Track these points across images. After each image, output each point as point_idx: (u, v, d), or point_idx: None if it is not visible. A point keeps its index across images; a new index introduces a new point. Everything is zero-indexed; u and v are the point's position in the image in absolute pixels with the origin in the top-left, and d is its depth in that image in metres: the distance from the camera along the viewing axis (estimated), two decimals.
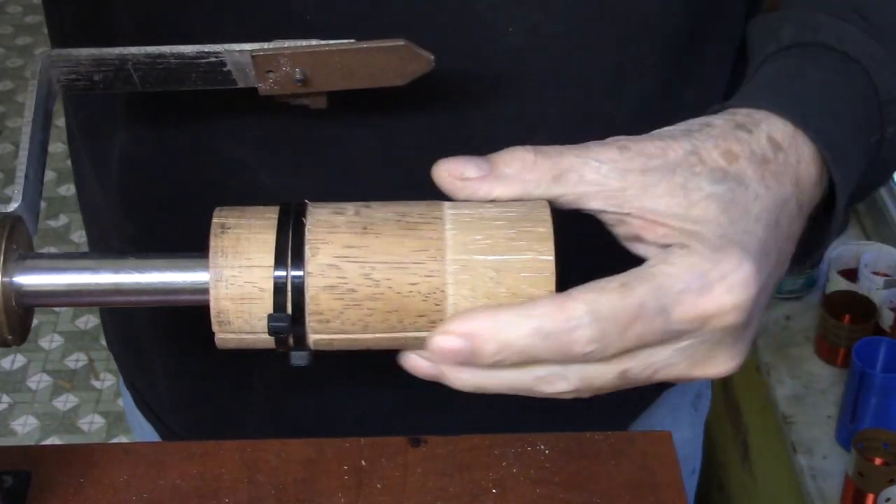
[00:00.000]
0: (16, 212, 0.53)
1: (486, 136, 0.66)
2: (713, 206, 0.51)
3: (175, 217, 0.71)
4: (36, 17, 3.57)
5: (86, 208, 0.83)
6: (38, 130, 0.56)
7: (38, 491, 0.65)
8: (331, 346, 0.52)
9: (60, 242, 2.73)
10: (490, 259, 0.51)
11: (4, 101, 3.20)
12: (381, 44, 0.55)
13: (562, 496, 0.65)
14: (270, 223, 0.52)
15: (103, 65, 0.57)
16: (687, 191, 0.51)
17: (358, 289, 0.51)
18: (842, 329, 1.58)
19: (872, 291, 1.59)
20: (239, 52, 0.56)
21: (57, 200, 2.84)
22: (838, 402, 1.54)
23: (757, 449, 1.78)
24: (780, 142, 0.54)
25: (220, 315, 0.51)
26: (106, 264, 0.52)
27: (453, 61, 0.62)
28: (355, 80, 0.56)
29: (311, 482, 0.66)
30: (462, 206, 0.52)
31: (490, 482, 0.66)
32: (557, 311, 0.49)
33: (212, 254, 0.51)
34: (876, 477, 1.37)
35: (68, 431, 2.29)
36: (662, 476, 0.66)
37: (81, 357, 2.45)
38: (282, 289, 0.50)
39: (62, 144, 2.98)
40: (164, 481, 0.66)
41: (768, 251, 0.52)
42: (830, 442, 1.52)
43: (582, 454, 0.67)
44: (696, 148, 0.52)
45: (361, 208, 0.52)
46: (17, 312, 0.52)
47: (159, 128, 0.69)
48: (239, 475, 0.67)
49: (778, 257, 0.53)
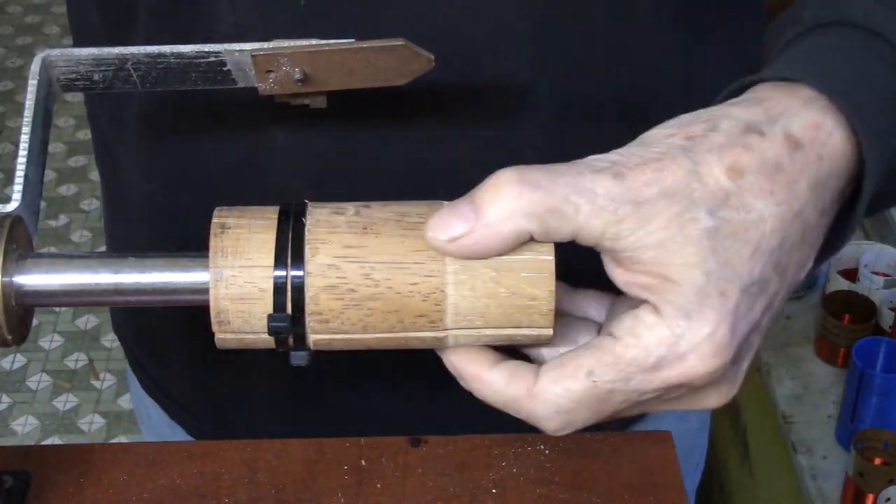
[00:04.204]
0: (16, 212, 0.53)
1: (487, 135, 0.66)
2: (707, 244, 0.48)
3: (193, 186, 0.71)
4: (36, 18, 3.57)
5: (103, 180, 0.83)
6: (38, 130, 0.56)
7: (38, 491, 0.65)
8: (330, 346, 0.52)
9: (60, 242, 2.73)
10: (490, 259, 0.51)
11: (4, 101, 3.20)
12: (381, 44, 0.55)
13: (562, 496, 0.65)
14: (270, 223, 0.52)
15: (103, 64, 0.57)
16: (682, 222, 0.48)
17: (358, 289, 0.51)
18: (842, 329, 1.58)
19: (872, 291, 1.59)
20: (239, 51, 0.56)
21: (57, 200, 2.84)
22: (838, 402, 1.54)
23: (757, 449, 1.78)
24: (800, 138, 0.50)
25: (219, 315, 0.51)
26: (106, 264, 0.52)
27: (453, 61, 0.63)
28: (355, 80, 0.56)
29: (311, 482, 0.66)
30: None
31: (490, 482, 0.66)
32: (526, 401, 0.51)
33: (212, 254, 0.51)
34: (876, 477, 1.37)
35: (68, 431, 2.29)
36: (662, 476, 0.66)
37: (81, 357, 2.45)
38: (282, 289, 0.50)
39: (62, 144, 3.00)
40: (164, 481, 0.66)
41: (766, 281, 0.49)
42: (830, 442, 1.52)
43: (582, 454, 0.67)
44: (696, 166, 0.48)
45: (361, 208, 0.52)
46: (16, 312, 0.52)
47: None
48: (239, 475, 0.66)
49: (780, 277, 0.50)
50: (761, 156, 0.49)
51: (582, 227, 0.48)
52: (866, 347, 1.49)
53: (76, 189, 2.89)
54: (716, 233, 0.48)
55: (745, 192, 0.48)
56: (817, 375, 1.62)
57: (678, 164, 0.48)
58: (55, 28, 3.53)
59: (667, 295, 0.48)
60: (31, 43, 3.45)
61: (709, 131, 0.49)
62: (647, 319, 0.49)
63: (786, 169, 0.49)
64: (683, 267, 0.48)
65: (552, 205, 0.48)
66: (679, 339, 0.48)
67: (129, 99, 0.71)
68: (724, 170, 0.48)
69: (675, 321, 0.48)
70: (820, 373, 1.62)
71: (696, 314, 0.48)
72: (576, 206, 0.48)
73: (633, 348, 0.49)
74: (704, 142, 0.49)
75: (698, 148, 0.49)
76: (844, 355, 1.59)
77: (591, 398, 0.50)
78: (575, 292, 0.57)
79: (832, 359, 1.62)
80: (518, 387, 0.51)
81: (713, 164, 0.48)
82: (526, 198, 0.48)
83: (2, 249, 0.51)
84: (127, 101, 0.72)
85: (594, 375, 0.49)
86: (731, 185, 0.48)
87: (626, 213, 0.48)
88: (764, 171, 0.48)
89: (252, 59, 0.56)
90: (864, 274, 1.62)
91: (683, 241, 0.48)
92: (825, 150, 0.50)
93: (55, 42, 3.44)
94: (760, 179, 0.48)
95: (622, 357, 0.49)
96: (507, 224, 0.49)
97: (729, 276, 0.48)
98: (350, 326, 0.51)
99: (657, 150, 0.49)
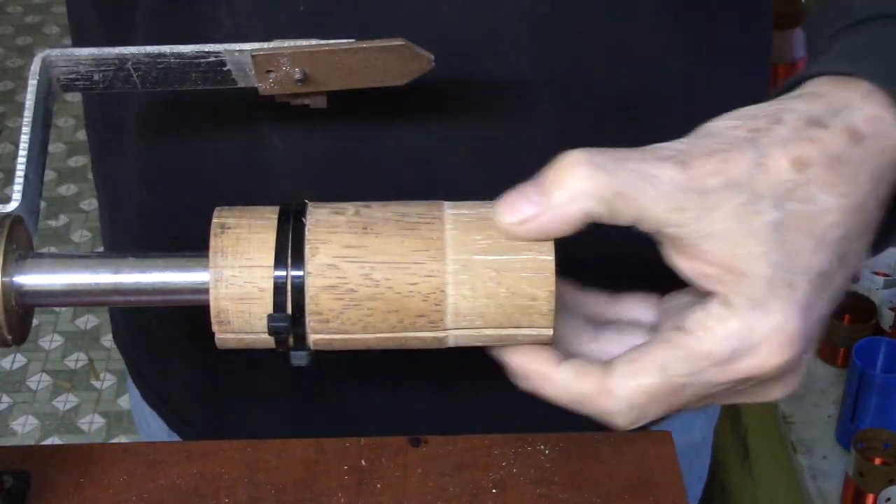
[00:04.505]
0: (16, 212, 0.53)
1: (487, 135, 0.66)
2: (772, 236, 0.48)
3: (192, 187, 0.71)
4: (36, 18, 3.57)
5: (101, 183, 0.83)
6: (37, 130, 0.56)
7: (38, 491, 0.65)
8: (330, 346, 0.52)
9: (60, 242, 2.73)
10: (490, 259, 0.51)
11: (4, 101, 3.20)
12: (381, 44, 0.55)
13: (562, 496, 0.65)
14: (270, 223, 0.52)
15: (103, 65, 0.57)
16: (748, 214, 0.48)
17: (358, 289, 0.51)
18: (842, 329, 1.58)
19: (872, 291, 1.59)
20: (239, 51, 0.56)
21: (57, 200, 2.84)
22: (838, 402, 1.54)
23: (757, 449, 1.78)
24: (863, 131, 0.49)
25: (219, 315, 0.51)
26: (106, 264, 0.52)
27: (453, 61, 0.63)
28: (355, 80, 0.56)
29: (311, 482, 0.66)
30: (462, 205, 0.52)
31: (490, 482, 0.66)
32: (597, 397, 0.50)
33: (212, 254, 0.51)
34: (876, 477, 1.37)
35: (68, 431, 2.29)
36: (662, 476, 0.66)
37: (81, 357, 2.45)
38: (282, 289, 0.50)
39: (62, 144, 3.00)
40: (164, 481, 0.66)
41: (830, 273, 0.49)
42: (830, 442, 1.52)
43: (582, 454, 0.67)
44: (762, 158, 0.48)
45: (361, 208, 0.52)
46: (16, 312, 0.52)
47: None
48: (239, 475, 0.66)
49: (842, 268, 0.50)
50: (825, 148, 0.49)
51: (646, 212, 0.48)
52: (866, 347, 1.49)
53: (76, 189, 2.89)
54: (780, 225, 0.48)
55: (809, 184, 0.48)
56: (817, 375, 1.62)
57: (743, 156, 0.48)
58: (55, 28, 3.53)
59: (736, 286, 0.48)
60: (31, 43, 3.45)
61: (773, 124, 0.49)
62: (717, 312, 0.49)
63: (848, 161, 0.49)
64: (750, 258, 0.48)
65: (618, 189, 0.48)
66: (751, 332, 0.48)
67: (127, 100, 0.71)
68: (790, 162, 0.48)
69: (746, 312, 0.48)
70: (820, 373, 1.62)
71: (767, 305, 0.48)
72: (641, 190, 0.48)
73: (705, 341, 0.49)
74: (769, 134, 0.49)
75: (763, 140, 0.49)
76: (844, 355, 1.59)
77: (664, 392, 0.50)
78: (619, 297, 0.57)
79: (832, 359, 1.62)
80: (587, 384, 0.51)
81: (779, 156, 0.48)
82: (593, 180, 0.48)
83: (2, 249, 0.51)
84: (126, 103, 0.72)
85: (668, 369, 0.49)
86: (797, 176, 0.48)
87: (690, 202, 0.48)
88: (827, 164, 0.49)
89: (252, 59, 0.56)
90: (864, 274, 1.62)
91: (748, 233, 0.48)
92: (887, 142, 0.50)
93: (55, 42, 3.44)
94: (824, 172, 0.48)
95: (695, 350, 0.49)
96: (574, 206, 0.49)
97: (795, 268, 0.48)
98: (350, 326, 0.51)
99: (722, 141, 0.49)
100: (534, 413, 0.65)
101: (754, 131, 0.49)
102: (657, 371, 0.50)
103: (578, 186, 0.48)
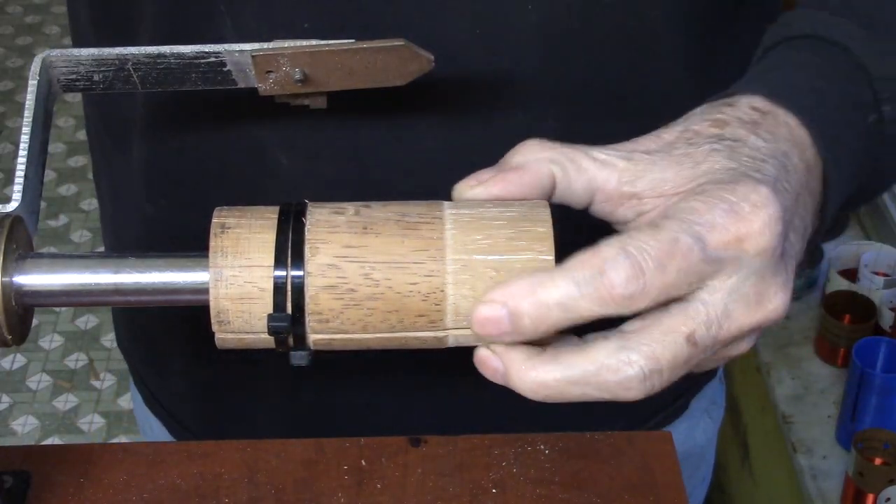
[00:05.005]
0: (16, 212, 0.53)
1: (488, 135, 0.66)
2: (719, 156, 0.52)
3: (195, 197, 0.71)
4: (36, 18, 3.58)
5: (102, 186, 0.83)
6: (38, 130, 0.56)
7: (38, 491, 0.65)
8: (330, 346, 0.52)
9: (60, 242, 2.73)
10: (490, 259, 0.51)
11: (4, 101, 3.20)
12: (381, 44, 0.55)
13: (562, 496, 0.65)
14: (270, 223, 0.52)
15: (103, 65, 0.57)
16: (690, 156, 0.52)
17: (358, 289, 0.51)
18: (842, 329, 1.58)
19: (872, 291, 1.59)
20: (239, 52, 0.56)
21: (57, 200, 2.84)
22: (838, 402, 1.54)
23: (757, 449, 1.78)
24: (763, 108, 0.55)
25: (219, 315, 0.51)
26: (106, 264, 0.52)
27: (453, 61, 0.63)
28: (355, 80, 0.56)
29: (311, 482, 0.66)
30: (462, 206, 0.52)
31: (490, 482, 0.66)
32: (590, 255, 0.49)
33: (212, 254, 0.51)
34: (876, 477, 1.37)
35: (68, 431, 2.29)
36: (662, 476, 0.66)
37: (81, 357, 2.45)
38: (282, 289, 0.50)
39: (62, 144, 3.00)
40: (164, 481, 0.66)
41: (785, 188, 0.52)
42: (830, 442, 1.52)
43: (582, 454, 0.67)
44: (687, 126, 0.54)
45: (361, 208, 0.52)
46: (16, 312, 0.52)
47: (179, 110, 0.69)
48: (239, 475, 0.67)
49: (796, 200, 0.52)
50: (737, 115, 0.54)
51: (598, 175, 0.53)
52: (866, 347, 1.49)
53: (76, 189, 2.89)
54: (723, 151, 0.52)
55: (734, 130, 0.53)
56: (817, 375, 1.62)
57: (671, 129, 0.54)
58: (55, 28, 3.53)
59: (705, 184, 0.51)
60: (31, 43, 3.45)
61: (686, 115, 0.56)
62: (695, 195, 0.51)
63: (761, 123, 0.54)
64: (708, 172, 0.52)
65: (570, 154, 0.53)
66: (731, 195, 0.50)
67: (128, 104, 0.71)
68: (711, 123, 0.54)
69: (723, 187, 0.50)
70: (820, 373, 1.62)
71: (738, 180, 0.51)
72: (591, 157, 0.53)
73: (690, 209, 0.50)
74: (687, 117, 0.55)
75: (683, 121, 0.55)
76: (844, 355, 1.59)
77: (655, 246, 0.49)
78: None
79: (832, 359, 1.62)
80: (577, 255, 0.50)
81: (699, 121, 0.54)
82: (548, 148, 0.53)
83: (2, 249, 0.51)
84: (126, 107, 0.72)
85: (656, 224, 0.50)
86: (720, 131, 0.53)
87: (637, 158, 0.53)
88: (743, 123, 0.54)
89: (252, 59, 0.56)
90: (864, 274, 1.62)
91: (696, 164, 0.52)
92: (788, 118, 0.55)
93: (55, 42, 3.44)
94: (743, 126, 0.54)
95: (681, 212, 0.50)
96: (532, 165, 0.53)
97: (749, 166, 0.51)
98: (350, 326, 0.51)
99: (652, 133, 0.55)
100: (534, 413, 0.65)
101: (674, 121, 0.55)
102: (648, 227, 0.50)
103: (534, 152, 0.53)
